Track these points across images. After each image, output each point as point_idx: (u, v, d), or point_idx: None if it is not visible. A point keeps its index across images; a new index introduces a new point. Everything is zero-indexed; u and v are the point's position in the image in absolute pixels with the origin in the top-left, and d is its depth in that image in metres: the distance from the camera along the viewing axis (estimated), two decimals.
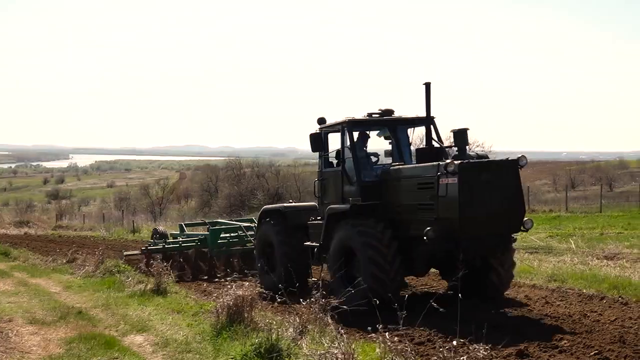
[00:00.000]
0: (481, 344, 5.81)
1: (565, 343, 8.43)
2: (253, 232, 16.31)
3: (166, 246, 17.32)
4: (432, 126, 12.27)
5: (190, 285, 15.42)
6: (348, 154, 12.22)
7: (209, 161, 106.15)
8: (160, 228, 20.37)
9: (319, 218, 13.07)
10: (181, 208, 66.67)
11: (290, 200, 15.12)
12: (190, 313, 11.27)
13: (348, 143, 12.25)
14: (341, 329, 7.85)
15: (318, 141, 12.75)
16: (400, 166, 11.93)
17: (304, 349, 7.72)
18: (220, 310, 9.61)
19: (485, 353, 5.74)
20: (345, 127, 12.30)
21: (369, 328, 7.61)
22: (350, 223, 11.33)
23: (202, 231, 20.13)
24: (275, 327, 8.33)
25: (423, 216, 10.61)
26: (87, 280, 16.04)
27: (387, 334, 6.85)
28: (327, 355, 6.85)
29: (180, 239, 18.18)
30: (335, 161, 12.91)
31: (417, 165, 11.46)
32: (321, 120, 13.01)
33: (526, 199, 45.41)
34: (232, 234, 17.56)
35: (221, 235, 17.40)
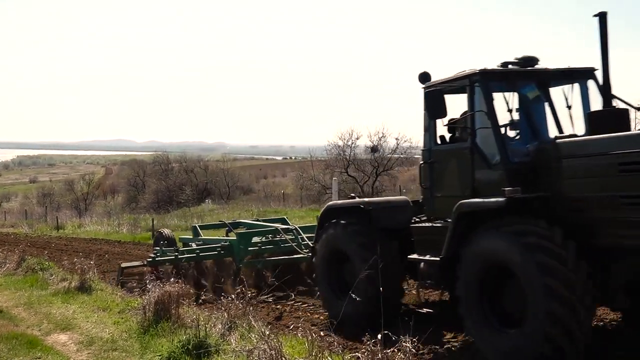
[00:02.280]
0: (408, 336, 5.87)
1: None
2: (292, 237, 13.38)
3: (180, 256, 13.23)
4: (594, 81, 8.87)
5: (115, 281, 15.13)
6: (481, 122, 8.43)
7: (136, 156, 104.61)
8: (166, 231, 16.24)
9: (423, 218, 9.61)
10: (107, 204, 65.45)
11: (352, 195, 11.07)
12: (117, 310, 11.09)
13: (482, 106, 8.42)
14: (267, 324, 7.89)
15: (438, 102, 8.51)
16: (576, 138, 8.17)
17: (233, 344, 7.69)
18: (147, 307, 9.50)
19: (412, 345, 5.81)
20: (479, 82, 8.46)
21: None
22: (504, 228, 7.37)
23: (217, 234, 16.80)
24: (202, 323, 8.28)
25: (628, 215, 6.90)
26: (8, 278, 15.61)
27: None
28: (255, 350, 6.85)
29: (194, 245, 14.37)
30: (449, 135, 9.37)
31: (612, 135, 7.28)
32: (425, 77, 9.29)
33: None
34: (262, 239, 13.78)
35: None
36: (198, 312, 9.53)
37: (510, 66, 8.75)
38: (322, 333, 6.68)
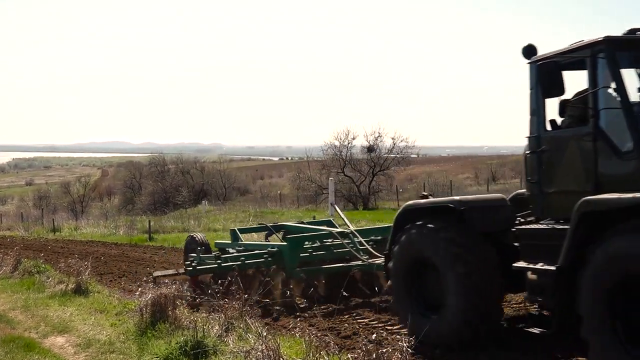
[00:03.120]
0: (403, 335, 5.88)
1: None
2: (349, 241, 11.96)
3: (223, 264, 11.46)
4: None
5: (112, 283, 15.13)
6: (606, 101, 7.06)
7: (132, 157, 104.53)
8: (199, 235, 14.45)
9: (529, 218, 8.26)
10: (104, 206, 65.37)
11: (425, 193, 9.68)
12: (114, 312, 11.09)
13: (608, 81, 7.04)
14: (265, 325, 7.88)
15: (554, 77, 7.19)
16: None
17: (230, 345, 7.70)
18: (144, 309, 9.49)
19: (408, 344, 5.82)
20: (604, 51, 7.03)
21: None
22: None
23: (256, 239, 15.42)
24: (200, 324, 8.28)
25: None
26: (5, 281, 15.58)
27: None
28: (252, 351, 6.85)
29: (234, 251, 12.69)
30: (560, 119, 7.86)
31: None
32: (531, 50, 7.93)
33: (449, 193, 46.61)
34: (312, 244, 12.36)
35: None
36: (195, 313, 9.54)
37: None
38: (319, 334, 6.69)
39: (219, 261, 11.52)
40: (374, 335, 6.29)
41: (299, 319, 6.73)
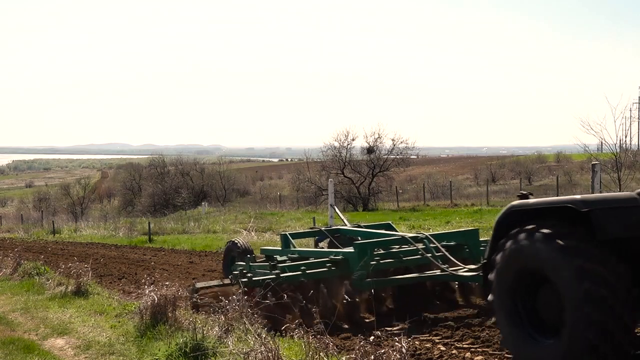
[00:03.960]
0: (402, 335, 5.89)
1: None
2: (423, 247, 10.28)
3: (282, 274, 9.92)
4: None
5: (112, 285, 15.13)
6: None
7: (132, 159, 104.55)
8: (241, 241, 13.10)
9: None
10: (103, 207, 65.39)
11: (524, 192, 7.54)
12: (113, 314, 11.08)
13: None
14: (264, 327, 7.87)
15: None
16: None
17: (230, 347, 7.70)
18: (144, 311, 9.49)
19: (407, 345, 5.83)
20: None
21: None
22: None
23: (305, 244, 14.14)
24: (199, 326, 8.29)
25: None
26: (5, 283, 15.57)
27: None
28: (252, 352, 6.86)
29: (288, 259, 11.24)
30: None
31: None
32: None
33: (449, 194, 46.52)
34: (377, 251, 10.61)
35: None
36: (195, 315, 9.54)
37: None
38: (318, 335, 6.69)
39: (276, 271, 9.91)
40: (372, 337, 6.22)
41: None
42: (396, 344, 5.74)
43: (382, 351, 5.86)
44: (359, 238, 11.44)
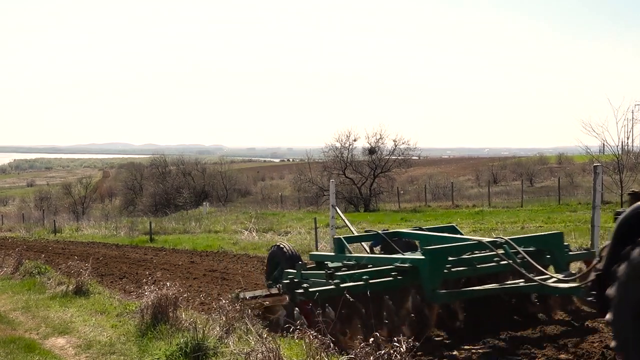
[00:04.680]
0: (403, 336, 5.88)
1: None
2: (503, 253, 8.65)
3: (342, 284, 8.38)
4: None
5: (113, 284, 15.13)
6: None
7: (133, 159, 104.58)
8: (286, 245, 11.20)
9: None
10: (105, 207, 65.49)
11: (636, 189, 6.42)
12: (114, 314, 11.08)
13: None
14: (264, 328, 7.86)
15: None
16: None
17: (231, 347, 7.69)
18: (145, 310, 9.49)
19: (408, 346, 5.82)
20: None
21: None
22: None
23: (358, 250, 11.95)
24: (200, 326, 8.28)
25: None
26: (6, 282, 15.59)
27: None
28: (252, 353, 6.85)
29: (343, 266, 9.73)
30: None
31: None
32: None
33: (450, 195, 46.46)
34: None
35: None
36: (196, 314, 9.54)
37: None
38: (319, 335, 6.68)
39: (335, 281, 8.50)
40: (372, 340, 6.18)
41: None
42: (396, 345, 5.72)
43: (382, 352, 5.85)
44: (419, 242, 10.39)
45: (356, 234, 12.81)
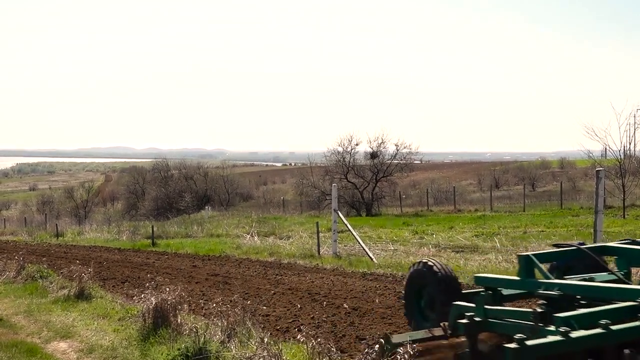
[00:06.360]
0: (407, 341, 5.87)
1: None
2: None
3: (572, 334, 4.92)
4: None
5: (115, 288, 15.12)
6: None
7: (135, 163, 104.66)
8: (437, 263, 7.92)
9: None
10: (107, 211, 65.51)
11: None
12: (116, 318, 11.08)
13: None
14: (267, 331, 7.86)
15: None
16: None
17: (233, 351, 7.69)
18: (146, 315, 9.49)
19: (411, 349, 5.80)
20: None
21: None
22: None
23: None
24: (202, 330, 8.28)
25: None
26: (8, 286, 15.57)
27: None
28: (254, 357, 6.84)
29: (543, 299, 6.19)
30: None
31: None
32: None
33: (452, 199, 46.40)
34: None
35: None
36: (198, 319, 9.53)
37: None
38: (321, 340, 6.68)
39: (568, 333, 4.93)
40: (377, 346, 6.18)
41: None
42: (400, 348, 5.71)
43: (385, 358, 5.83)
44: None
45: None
